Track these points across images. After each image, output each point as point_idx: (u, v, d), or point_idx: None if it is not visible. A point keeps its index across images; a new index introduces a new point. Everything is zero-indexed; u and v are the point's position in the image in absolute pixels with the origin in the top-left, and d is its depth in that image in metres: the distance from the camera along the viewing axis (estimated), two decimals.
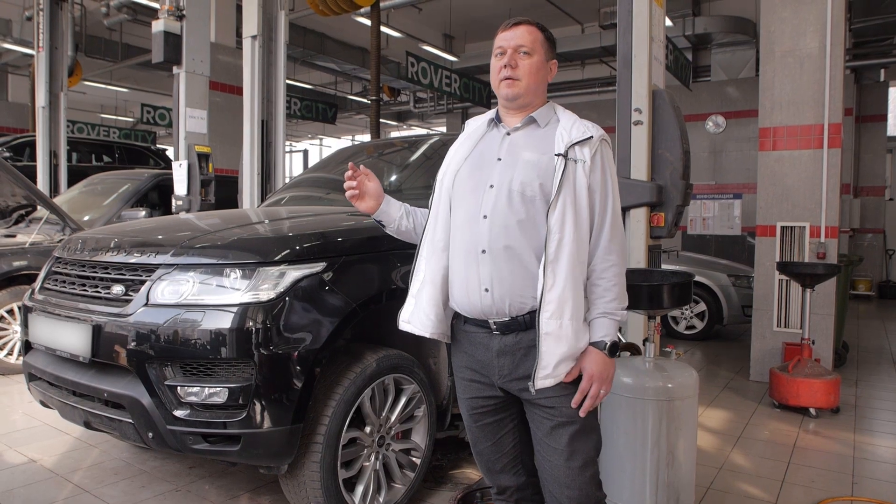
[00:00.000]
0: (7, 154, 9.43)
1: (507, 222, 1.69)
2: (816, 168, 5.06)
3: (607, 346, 1.70)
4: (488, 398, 1.83)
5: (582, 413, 1.71)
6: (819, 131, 5.04)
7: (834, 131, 4.99)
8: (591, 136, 1.73)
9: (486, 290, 1.71)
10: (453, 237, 1.79)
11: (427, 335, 1.82)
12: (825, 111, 5.00)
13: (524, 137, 1.79)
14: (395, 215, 1.99)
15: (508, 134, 1.81)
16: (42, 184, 8.59)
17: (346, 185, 1.95)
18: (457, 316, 1.84)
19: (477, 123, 1.91)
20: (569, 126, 1.75)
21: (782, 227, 5.21)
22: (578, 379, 1.70)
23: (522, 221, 1.69)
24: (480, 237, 1.71)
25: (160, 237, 2.68)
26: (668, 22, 10.94)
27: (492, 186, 1.73)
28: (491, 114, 1.89)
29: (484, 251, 1.70)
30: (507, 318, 1.72)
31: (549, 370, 1.65)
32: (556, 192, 1.66)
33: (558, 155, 1.69)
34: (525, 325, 1.71)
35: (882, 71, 12.71)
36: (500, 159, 1.76)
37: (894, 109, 13.94)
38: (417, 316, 1.83)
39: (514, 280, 1.69)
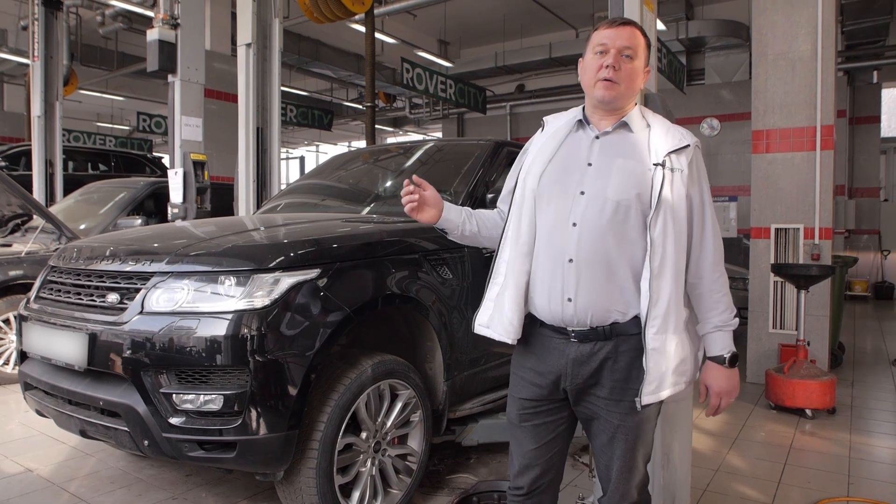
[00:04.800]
0: (3, 163, 9.41)
1: (599, 232, 1.62)
2: (809, 170, 5.08)
3: (727, 359, 1.72)
4: (543, 401, 1.77)
5: (714, 416, 1.79)
6: (812, 133, 5.06)
7: (826, 133, 5.02)
8: (689, 145, 1.69)
9: (570, 299, 1.64)
10: (538, 242, 1.71)
11: (509, 341, 1.73)
12: (817, 113, 5.02)
13: (616, 143, 1.71)
14: (458, 221, 1.88)
15: (598, 137, 1.72)
16: (38, 193, 8.58)
17: (405, 199, 1.81)
18: (530, 317, 1.76)
19: (559, 122, 1.82)
20: (663, 133, 1.70)
21: (776, 229, 5.23)
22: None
23: (616, 232, 1.62)
24: (568, 245, 1.64)
25: (155, 245, 2.69)
26: (662, 26, 11.00)
27: (583, 193, 1.65)
28: (576, 113, 1.80)
29: (571, 260, 1.63)
30: (586, 328, 1.67)
31: (654, 385, 1.63)
32: (656, 205, 1.60)
33: (657, 164, 1.63)
34: (605, 335, 1.66)
35: (875, 73, 12.79)
36: (590, 164, 1.69)
37: (888, 111, 14.01)
38: (499, 321, 1.74)
39: (599, 291, 1.63)
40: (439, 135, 19.57)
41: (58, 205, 7.31)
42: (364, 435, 2.61)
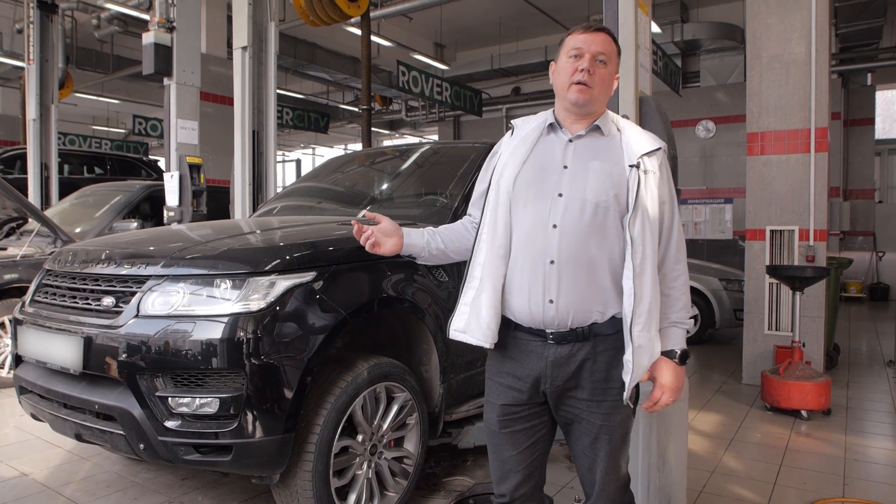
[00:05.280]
0: None
1: (580, 233, 1.65)
2: (804, 172, 5.10)
3: (678, 355, 1.75)
4: (523, 405, 1.77)
5: (650, 412, 1.80)
6: (806, 136, 5.09)
7: (820, 135, 5.04)
8: (660, 148, 1.74)
9: (551, 301, 1.66)
10: (514, 245, 1.72)
11: (487, 346, 1.73)
12: (812, 116, 5.05)
13: (589, 146, 1.74)
14: (421, 243, 1.90)
15: (571, 141, 1.75)
16: (33, 196, 8.57)
17: (361, 240, 1.86)
18: (504, 320, 1.76)
19: (530, 126, 1.83)
20: (635, 136, 1.75)
21: (771, 231, 5.25)
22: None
23: (596, 233, 1.66)
24: (549, 247, 1.66)
25: (151, 248, 2.68)
26: (657, 28, 11.03)
27: (561, 195, 1.68)
28: (546, 117, 1.82)
29: (553, 262, 1.65)
30: (566, 330, 1.68)
31: (636, 381, 1.67)
32: (634, 205, 1.65)
33: (631, 166, 1.68)
34: (583, 336, 1.68)
35: (869, 75, 12.86)
36: (566, 167, 1.71)
37: (882, 113, 14.08)
38: (477, 326, 1.73)
39: (581, 292, 1.66)
40: (435, 137, 19.59)
41: (53, 208, 7.30)
42: (360, 438, 2.61)
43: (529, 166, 1.74)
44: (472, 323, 1.75)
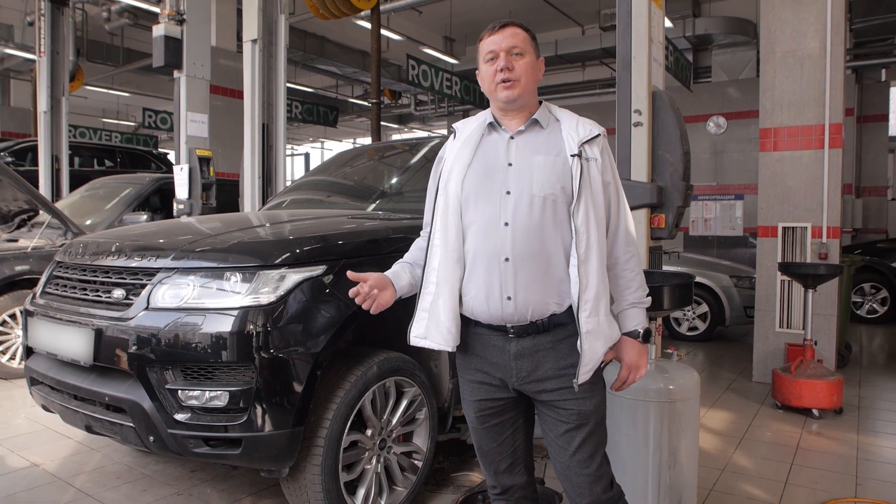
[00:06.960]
0: (9, 159, 9.45)
1: (532, 228, 1.67)
2: (817, 168, 5.05)
3: (640, 334, 1.78)
4: (497, 399, 1.80)
5: (618, 391, 1.82)
6: (820, 132, 5.03)
7: (835, 131, 4.98)
8: (599, 135, 1.75)
9: (509, 298, 1.67)
10: (468, 246, 1.73)
11: (449, 349, 1.75)
12: (826, 111, 4.99)
13: (531, 140, 1.75)
14: (406, 280, 1.86)
15: (512, 138, 1.76)
16: (44, 188, 8.61)
17: (366, 305, 1.76)
18: (464, 319, 1.78)
19: (471, 127, 1.84)
20: (574, 125, 1.75)
21: (784, 228, 5.20)
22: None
23: (547, 226, 1.67)
24: (503, 245, 1.67)
25: (161, 241, 2.68)
26: (669, 23, 10.95)
27: (509, 193, 1.69)
28: (485, 117, 1.84)
29: (507, 259, 1.67)
30: (525, 323, 1.70)
31: (589, 367, 1.68)
32: (578, 194, 1.66)
33: (573, 156, 1.69)
34: (543, 327, 1.70)
35: (883, 71, 12.73)
36: (510, 164, 1.72)
37: None
38: (437, 331, 1.75)
39: (537, 286, 1.67)
40: (444, 132, 19.55)
41: (64, 200, 7.33)
42: (369, 432, 2.60)
43: (475, 167, 1.75)
44: (431, 328, 1.76)
